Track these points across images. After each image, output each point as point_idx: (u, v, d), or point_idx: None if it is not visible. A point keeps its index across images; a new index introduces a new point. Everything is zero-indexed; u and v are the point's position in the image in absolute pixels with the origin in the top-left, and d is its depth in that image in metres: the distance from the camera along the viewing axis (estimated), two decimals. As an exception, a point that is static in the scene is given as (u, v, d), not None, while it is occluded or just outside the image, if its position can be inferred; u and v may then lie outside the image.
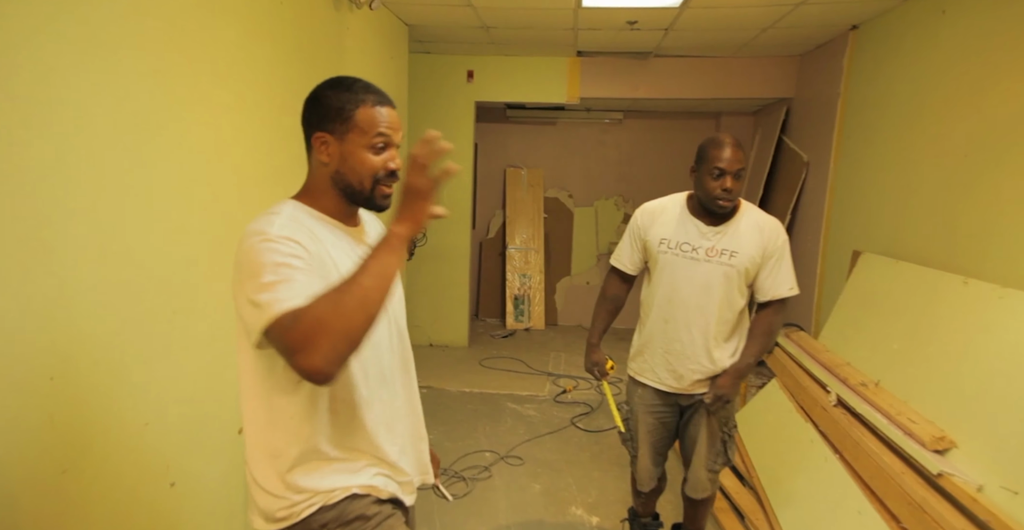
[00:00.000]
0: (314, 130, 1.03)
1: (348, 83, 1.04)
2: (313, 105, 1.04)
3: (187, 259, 1.61)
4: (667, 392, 1.91)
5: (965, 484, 1.60)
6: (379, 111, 1.03)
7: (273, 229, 0.93)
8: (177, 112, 1.56)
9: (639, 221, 1.91)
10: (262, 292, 0.88)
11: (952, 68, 2.46)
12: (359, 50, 2.92)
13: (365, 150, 1.02)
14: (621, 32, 3.64)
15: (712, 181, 1.72)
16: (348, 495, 1.03)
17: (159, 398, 1.52)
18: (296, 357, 0.85)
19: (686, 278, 1.80)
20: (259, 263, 0.90)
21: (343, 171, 1.03)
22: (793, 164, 3.97)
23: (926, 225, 2.56)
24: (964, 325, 2.03)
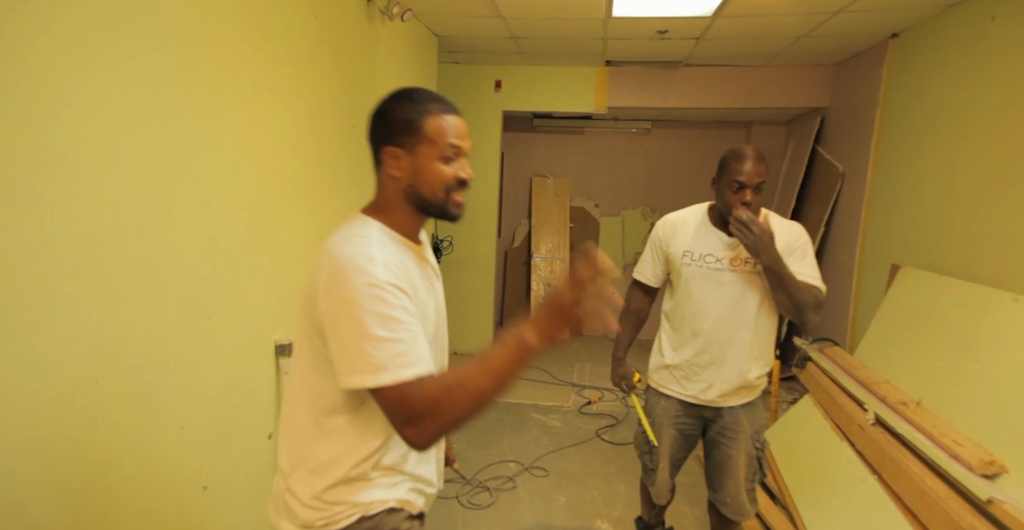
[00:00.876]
0: (383, 145, 1.01)
1: (413, 94, 1.02)
2: (380, 120, 1.02)
3: (223, 264, 1.64)
4: (692, 404, 1.88)
5: (1019, 512, 1.52)
6: (447, 120, 1.01)
7: (378, 272, 0.90)
8: (221, 124, 1.59)
9: (660, 234, 1.90)
10: (373, 348, 0.87)
11: (1001, 76, 2.38)
12: (390, 61, 2.96)
13: (436, 161, 1.00)
14: (651, 41, 3.62)
15: (732, 195, 1.70)
16: (386, 508, 1.03)
17: (195, 401, 1.54)
18: (404, 428, 0.88)
19: (714, 290, 1.78)
20: (367, 311, 0.88)
21: (416, 184, 1.01)
22: (828, 175, 3.88)
23: (970, 239, 2.47)
24: (1014, 344, 1.95)
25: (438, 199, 1.01)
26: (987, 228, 2.37)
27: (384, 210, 1.03)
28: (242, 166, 1.71)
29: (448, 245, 4.38)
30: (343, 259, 0.92)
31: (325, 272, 0.93)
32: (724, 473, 1.90)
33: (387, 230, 1.01)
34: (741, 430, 1.86)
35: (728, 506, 1.92)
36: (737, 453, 1.86)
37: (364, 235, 0.97)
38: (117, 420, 1.30)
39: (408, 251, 1.03)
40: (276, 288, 1.92)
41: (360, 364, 0.89)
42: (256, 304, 1.81)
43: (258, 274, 1.81)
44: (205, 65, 1.52)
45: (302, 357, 1.01)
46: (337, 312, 0.90)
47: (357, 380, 0.89)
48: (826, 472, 2.37)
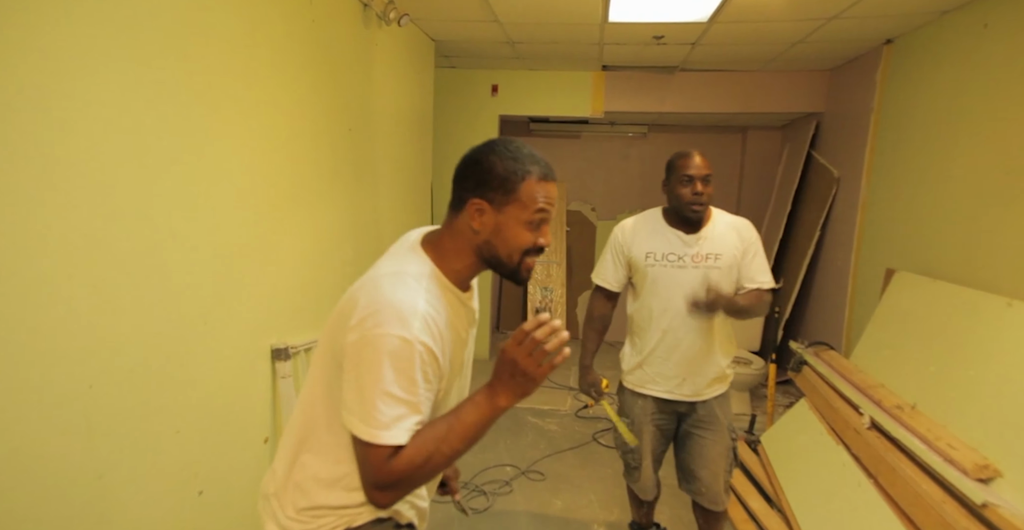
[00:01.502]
0: (471, 195, 0.98)
1: (517, 152, 0.99)
2: (474, 169, 0.99)
3: (218, 268, 1.63)
4: (668, 400, 1.95)
5: (1013, 516, 1.53)
6: (544, 186, 0.98)
7: (415, 327, 0.89)
8: (215, 129, 1.59)
9: (620, 238, 1.96)
10: (383, 403, 0.88)
11: (994, 83, 2.40)
12: (387, 66, 2.97)
13: (522, 225, 0.98)
14: (647, 47, 3.63)
15: (683, 188, 1.83)
16: (373, 518, 1.03)
17: (190, 406, 1.54)
18: (373, 490, 0.91)
19: (678, 287, 1.86)
20: (391, 365, 0.88)
21: (494, 243, 0.99)
22: (823, 180, 3.90)
23: (965, 244, 2.49)
24: (1008, 348, 1.96)
25: (512, 262, 1.01)
26: (981, 233, 2.39)
27: (448, 253, 1.01)
28: (238, 170, 1.71)
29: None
30: (387, 302, 0.91)
31: (365, 307, 0.91)
32: (699, 463, 1.96)
33: (440, 276, 1.00)
34: (716, 421, 1.94)
35: (704, 495, 1.98)
36: (713, 444, 1.94)
37: (416, 278, 0.95)
38: (111, 425, 1.29)
39: (454, 299, 1.01)
40: (272, 292, 1.92)
41: (364, 413, 0.89)
42: (252, 308, 1.81)
43: (254, 278, 1.81)
44: (199, 69, 1.52)
45: (319, 376, 1.00)
46: (363, 353, 0.90)
47: (356, 426, 0.90)
48: (822, 476, 2.37)
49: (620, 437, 2.03)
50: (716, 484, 1.95)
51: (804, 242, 3.95)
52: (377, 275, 0.96)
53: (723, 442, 1.94)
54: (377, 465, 0.89)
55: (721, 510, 2.01)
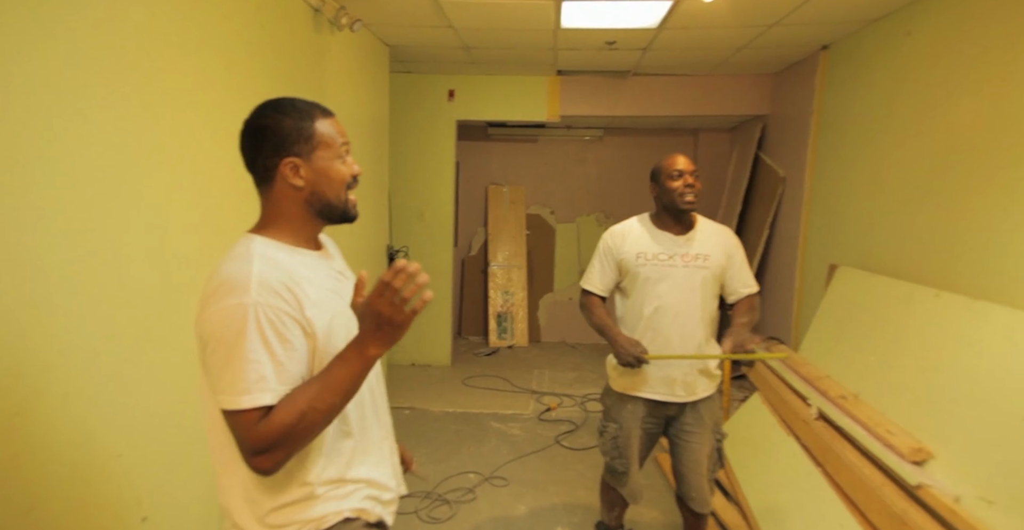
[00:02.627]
0: (278, 158, 0.99)
1: (290, 103, 1.01)
2: (263, 134, 0.99)
3: (160, 284, 1.58)
4: (658, 403, 1.95)
5: (943, 495, 1.62)
6: (330, 121, 1.03)
7: (251, 292, 0.90)
8: (157, 140, 1.54)
9: (610, 243, 2.00)
10: (236, 369, 0.88)
11: (917, 86, 2.54)
12: (340, 71, 2.94)
13: (334, 162, 1.02)
14: (600, 52, 3.71)
15: (674, 182, 1.87)
16: (341, 519, 1.02)
17: (132, 428, 1.48)
18: (253, 458, 0.89)
19: (670, 285, 1.89)
20: (236, 333, 0.89)
21: (320, 190, 1.01)
22: (770, 180, 4.04)
23: (897, 238, 2.62)
24: (936, 337, 2.07)
25: (340, 201, 1.04)
26: (912, 229, 2.52)
27: (277, 223, 1.02)
28: (188, 177, 1.66)
29: (404, 255, 4.35)
30: (219, 280, 0.93)
31: (203, 294, 0.94)
32: (689, 467, 1.98)
33: (275, 243, 1.00)
34: (703, 425, 1.96)
35: (694, 500, 2.00)
36: (700, 447, 1.96)
37: (246, 258, 0.95)
38: (43, 454, 1.22)
39: (306, 258, 1.02)
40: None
41: (225, 385, 0.89)
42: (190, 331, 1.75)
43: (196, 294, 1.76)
44: (144, 74, 1.47)
45: (209, 395, 0.98)
46: (208, 330, 0.91)
47: (221, 401, 0.90)
48: (775, 467, 2.46)
49: (607, 442, 2.02)
50: (703, 487, 1.98)
51: (754, 240, 4.08)
52: (212, 270, 0.97)
53: (708, 444, 1.96)
54: (247, 430, 0.89)
55: (708, 512, 2.05)
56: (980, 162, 2.13)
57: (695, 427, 1.95)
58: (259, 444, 0.89)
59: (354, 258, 3.05)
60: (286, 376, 0.92)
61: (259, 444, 0.89)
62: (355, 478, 1.04)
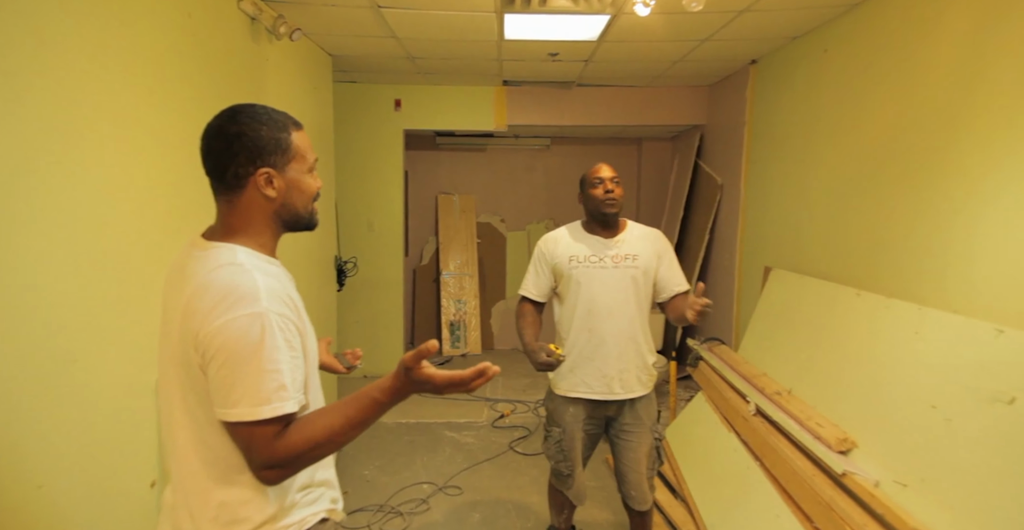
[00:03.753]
0: (253, 167, 0.97)
1: (265, 113, 1.00)
2: (239, 141, 0.96)
3: (87, 301, 1.52)
4: (598, 402, 2.02)
5: (865, 481, 1.73)
6: (303, 134, 1.04)
7: (262, 301, 0.90)
8: (83, 153, 1.49)
9: (544, 249, 2.08)
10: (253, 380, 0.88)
11: (835, 100, 2.72)
12: (280, 82, 2.89)
13: (305, 175, 1.03)
14: (544, 63, 3.79)
15: (595, 189, 1.99)
16: (319, 520, 1.04)
17: (56, 456, 1.40)
18: (262, 470, 0.90)
19: (602, 285, 1.98)
20: (251, 344, 0.88)
21: (290, 202, 1.01)
22: (709, 187, 4.22)
23: (822, 241, 2.79)
24: (858, 334, 2.21)
25: (308, 212, 1.05)
26: (835, 232, 2.69)
27: (245, 232, 1.00)
28: (109, 195, 1.60)
29: (352, 266, 4.29)
30: (226, 289, 0.90)
31: (207, 303, 0.90)
32: (629, 466, 2.05)
33: (252, 252, 0.99)
34: (641, 424, 2.04)
35: (634, 498, 2.07)
36: (639, 446, 2.03)
37: (236, 262, 0.94)
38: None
39: (275, 267, 1.02)
40: (153, 320, 1.81)
41: (241, 396, 0.88)
42: (130, 340, 1.69)
43: (130, 307, 1.70)
44: (65, 81, 1.42)
45: (184, 412, 0.96)
46: (219, 342, 0.88)
47: (235, 413, 0.88)
48: (717, 463, 2.56)
49: (551, 446, 2.07)
50: (641, 484, 2.06)
51: (696, 245, 4.24)
52: (200, 280, 0.93)
53: (647, 443, 2.04)
54: (265, 442, 0.88)
55: (647, 509, 2.12)
56: (892, 170, 2.30)
57: (634, 427, 2.03)
58: (274, 459, 0.89)
59: (302, 269, 3.01)
60: (298, 384, 0.93)
61: (274, 459, 0.89)
62: (320, 482, 1.07)
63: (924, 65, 2.14)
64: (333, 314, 3.90)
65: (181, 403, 0.96)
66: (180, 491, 0.99)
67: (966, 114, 1.92)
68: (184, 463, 0.98)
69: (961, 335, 1.74)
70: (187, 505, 0.98)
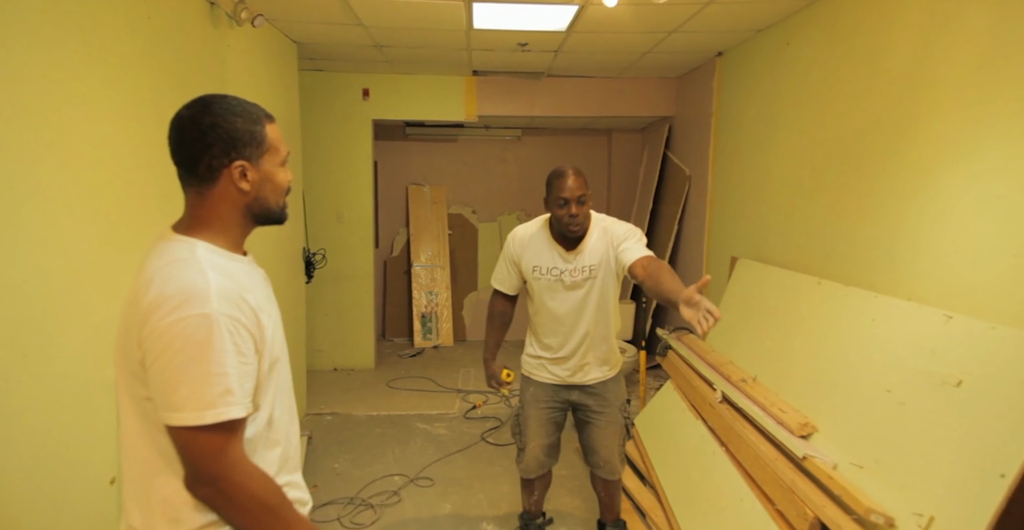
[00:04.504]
0: (227, 159, 0.95)
1: (238, 104, 0.97)
2: (214, 132, 0.93)
3: (36, 294, 1.46)
4: (559, 386, 2.11)
5: (824, 464, 1.79)
6: (276, 127, 1.02)
7: (212, 302, 0.87)
8: (32, 140, 1.42)
9: (512, 249, 2.10)
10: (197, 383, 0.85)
11: (798, 92, 2.77)
12: (243, 69, 2.81)
13: (278, 168, 1.01)
14: (514, 53, 3.76)
15: (559, 210, 1.92)
16: None
17: (7, 453, 1.36)
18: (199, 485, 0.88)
19: (562, 300, 2.04)
20: (197, 346, 0.85)
21: (263, 195, 0.99)
22: (677, 178, 4.27)
23: (785, 231, 2.85)
24: (818, 321, 2.28)
25: (279, 206, 1.03)
26: (795, 222, 2.75)
27: (212, 226, 0.97)
28: (65, 188, 1.54)
29: (322, 258, 4.23)
30: (175, 287, 0.87)
31: (153, 300, 0.87)
32: (599, 444, 2.15)
33: (214, 248, 0.96)
34: (609, 404, 2.13)
35: (602, 468, 2.19)
36: (607, 424, 2.13)
37: (192, 258, 0.92)
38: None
39: (241, 265, 1.00)
40: (112, 314, 1.75)
41: (184, 400, 0.85)
42: (88, 336, 1.64)
43: (89, 301, 1.64)
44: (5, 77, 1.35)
45: (132, 405, 0.94)
46: (164, 342, 0.86)
47: (177, 417, 0.86)
48: (685, 450, 2.61)
49: (513, 421, 2.19)
50: (613, 458, 2.17)
51: (665, 236, 4.30)
52: (151, 272, 0.91)
53: (616, 422, 2.14)
54: (207, 452, 0.86)
55: (618, 478, 2.25)
56: (848, 162, 2.36)
57: (602, 408, 2.12)
58: (216, 475, 0.88)
59: (270, 262, 2.94)
60: (246, 390, 0.90)
61: (216, 475, 0.88)
62: (283, 484, 1.03)
63: (880, 59, 2.19)
64: (302, 307, 3.84)
65: (128, 394, 0.94)
66: (128, 482, 0.97)
67: (919, 108, 1.98)
68: (131, 454, 0.96)
69: (913, 321, 1.81)
70: (135, 499, 0.96)
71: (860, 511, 1.58)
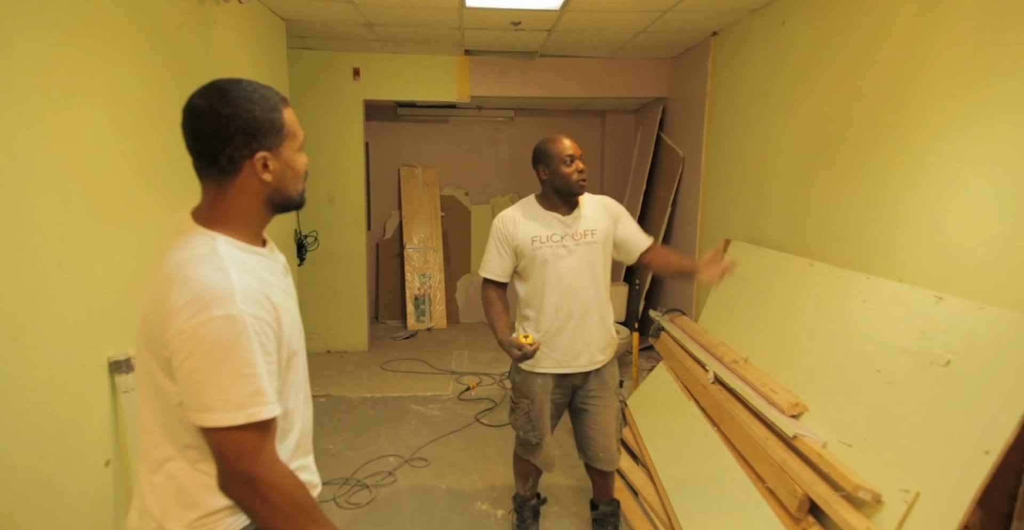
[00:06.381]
0: (249, 151, 0.91)
1: (254, 89, 0.93)
2: (235, 123, 0.89)
3: (30, 275, 1.44)
4: (564, 375, 2.06)
5: (813, 443, 1.82)
6: (291, 111, 0.98)
7: (237, 302, 0.85)
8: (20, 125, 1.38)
9: (503, 230, 2.04)
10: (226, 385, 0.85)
11: (791, 73, 2.75)
12: (230, 46, 2.75)
13: (297, 154, 0.98)
14: (507, 32, 3.70)
15: (567, 167, 1.94)
16: None
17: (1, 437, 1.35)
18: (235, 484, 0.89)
19: (566, 265, 1.98)
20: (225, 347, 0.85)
21: (283, 185, 0.96)
22: (671, 159, 4.25)
23: (778, 213, 2.86)
24: (810, 303, 2.29)
25: (299, 193, 1.00)
26: (789, 204, 2.76)
27: (233, 219, 0.95)
28: (52, 166, 1.51)
29: (313, 240, 4.20)
30: (199, 286, 0.86)
31: (178, 298, 0.86)
32: (597, 430, 2.10)
33: (235, 242, 0.94)
34: (607, 388, 2.10)
35: (602, 459, 2.14)
36: (607, 410, 2.09)
37: (214, 253, 0.90)
38: None
39: (259, 258, 0.98)
40: (106, 297, 1.74)
41: (214, 401, 0.85)
42: (81, 318, 1.62)
43: (81, 283, 1.62)
44: None
45: (151, 391, 0.93)
46: (192, 343, 0.85)
47: (208, 418, 0.86)
48: (677, 430, 2.65)
49: (520, 417, 2.09)
50: (611, 446, 2.12)
51: (658, 218, 4.30)
52: (173, 267, 0.89)
53: (613, 407, 2.10)
54: (241, 451, 0.87)
55: (615, 469, 2.21)
56: (843, 143, 2.36)
57: (600, 392, 2.09)
58: (250, 473, 0.88)
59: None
60: (275, 389, 0.90)
61: (250, 473, 0.88)
62: (296, 468, 1.04)
63: (876, 39, 2.17)
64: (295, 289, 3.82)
65: (146, 381, 0.94)
66: (143, 466, 0.98)
67: (915, 89, 1.98)
68: (147, 440, 0.96)
69: (904, 302, 1.83)
70: (150, 483, 0.96)
71: (848, 488, 1.62)
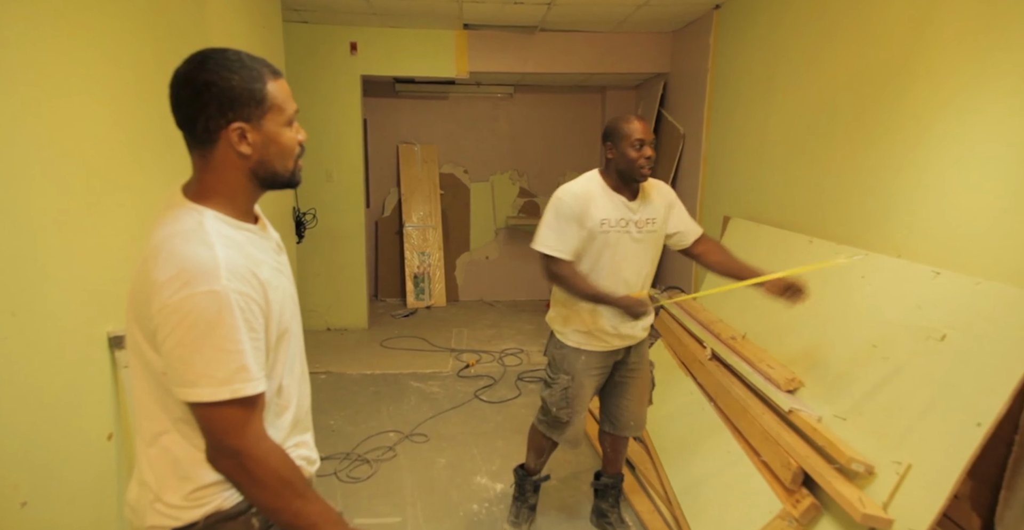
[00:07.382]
0: (224, 121, 0.89)
1: (238, 58, 0.90)
2: (208, 91, 0.87)
3: (29, 249, 1.44)
4: (608, 352, 2.04)
5: (809, 417, 1.84)
6: (281, 82, 0.94)
7: (221, 279, 0.85)
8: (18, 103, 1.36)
9: (574, 206, 1.88)
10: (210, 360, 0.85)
11: (794, 47, 2.71)
12: (223, 18, 2.69)
13: (284, 128, 0.94)
14: (506, 5, 3.63)
15: (635, 152, 1.86)
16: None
17: (2, 411, 1.37)
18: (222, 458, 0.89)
19: (628, 251, 1.93)
20: (208, 323, 0.84)
21: (267, 159, 0.94)
22: (672, 136, 4.21)
23: (778, 190, 2.84)
24: (809, 279, 2.29)
25: (288, 170, 0.97)
26: (789, 180, 2.74)
27: (219, 193, 0.94)
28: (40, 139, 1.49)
29: (312, 218, 4.18)
30: (184, 261, 0.85)
31: (162, 273, 0.85)
32: (634, 400, 2.16)
33: (224, 217, 0.93)
34: (643, 359, 2.15)
35: (632, 427, 2.19)
36: (643, 381, 2.16)
37: (200, 228, 0.89)
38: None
39: (248, 234, 0.97)
40: (107, 272, 1.73)
41: (198, 377, 0.85)
42: (81, 293, 1.62)
43: (80, 258, 1.62)
44: None
45: (142, 365, 0.94)
46: (176, 319, 0.85)
47: (193, 393, 0.86)
48: (674, 405, 2.67)
49: (556, 393, 2.03)
50: (643, 413, 2.21)
51: (658, 196, 4.27)
52: (159, 241, 0.89)
53: (647, 376, 2.18)
54: (227, 426, 0.87)
55: (640, 434, 2.29)
56: (845, 118, 2.33)
57: (639, 364, 2.13)
58: (236, 448, 0.88)
59: (254, 223, 2.90)
60: (261, 365, 0.90)
61: (236, 448, 0.88)
62: (294, 444, 1.06)
63: (879, 13, 2.13)
64: (293, 267, 3.82)
65: (137, 355, 0.94)
66: (139, 440, 0.99)
67: (917, 65, 1.94)
68: (141, 414, 0.97)
69: (902, 278, 1.83)
70: (146, 456, 0.97)
71: (842, 460, 1.64)
